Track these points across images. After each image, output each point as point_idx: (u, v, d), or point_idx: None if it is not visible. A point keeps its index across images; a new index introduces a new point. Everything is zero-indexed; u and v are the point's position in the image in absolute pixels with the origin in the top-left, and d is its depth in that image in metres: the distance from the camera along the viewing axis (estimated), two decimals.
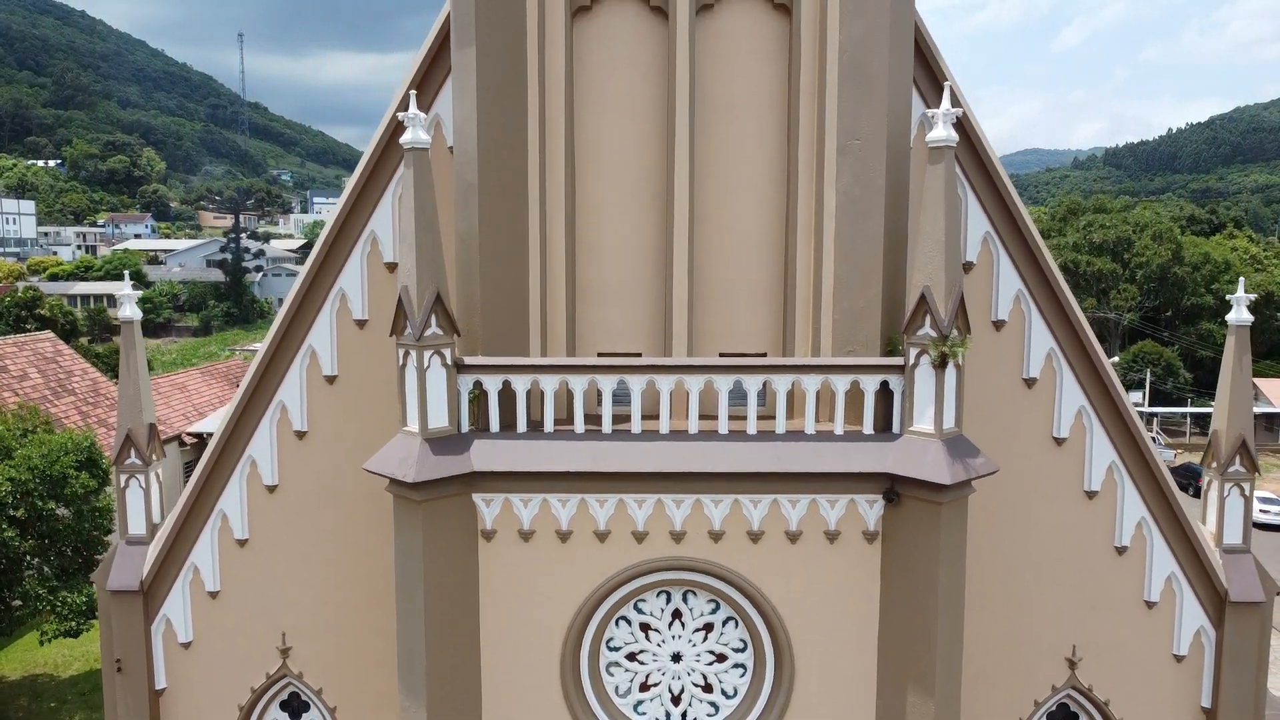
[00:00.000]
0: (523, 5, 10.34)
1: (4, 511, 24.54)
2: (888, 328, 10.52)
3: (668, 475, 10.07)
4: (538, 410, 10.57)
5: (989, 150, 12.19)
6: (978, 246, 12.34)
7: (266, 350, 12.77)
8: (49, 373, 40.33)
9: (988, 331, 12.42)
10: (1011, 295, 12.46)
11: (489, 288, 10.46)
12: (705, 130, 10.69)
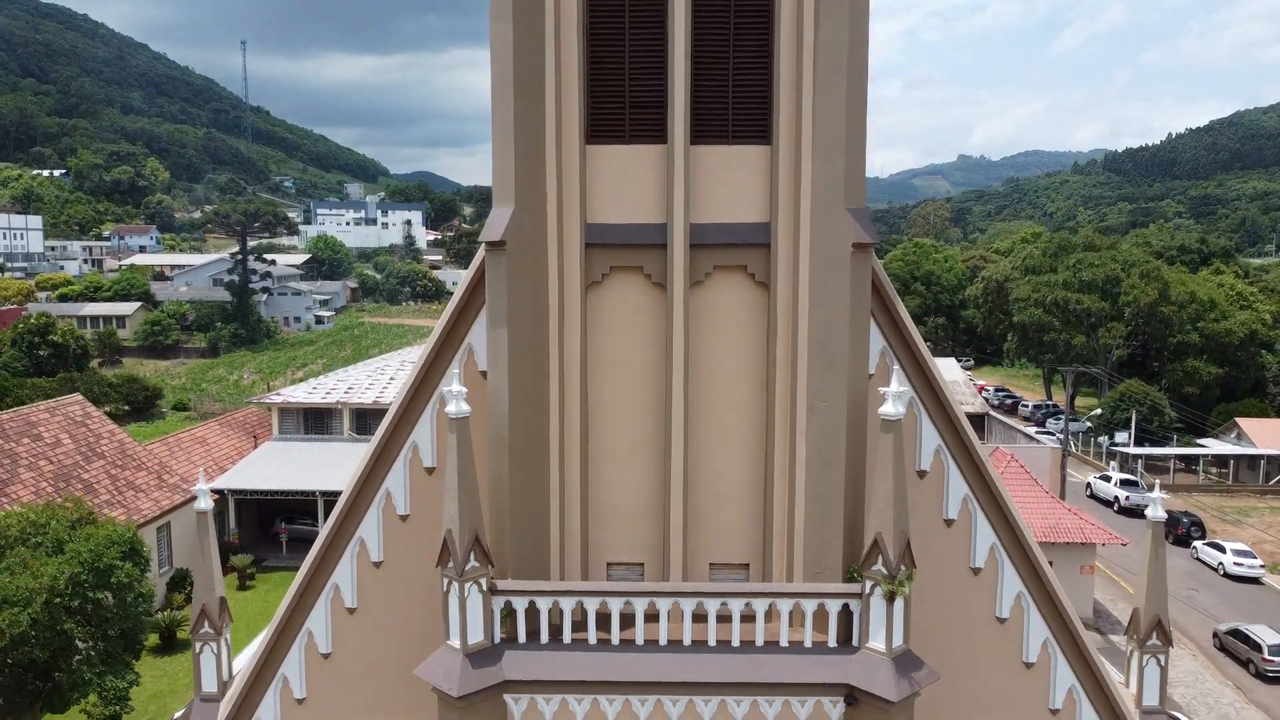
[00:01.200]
0: (546, 284, 12.46)
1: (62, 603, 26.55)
2: (848, 556, 12.62)
3: (665, 683, 12.18)
4: (557, 615, 12.67)
5: (925, 359, 14.32)
6: (931, 458, 14.45)
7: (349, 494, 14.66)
8: (79, 436, 42.43)
9: (940, 528, 14.53)
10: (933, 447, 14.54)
11: (516, 519, 12.58)
12: (697, 386, 12.81)
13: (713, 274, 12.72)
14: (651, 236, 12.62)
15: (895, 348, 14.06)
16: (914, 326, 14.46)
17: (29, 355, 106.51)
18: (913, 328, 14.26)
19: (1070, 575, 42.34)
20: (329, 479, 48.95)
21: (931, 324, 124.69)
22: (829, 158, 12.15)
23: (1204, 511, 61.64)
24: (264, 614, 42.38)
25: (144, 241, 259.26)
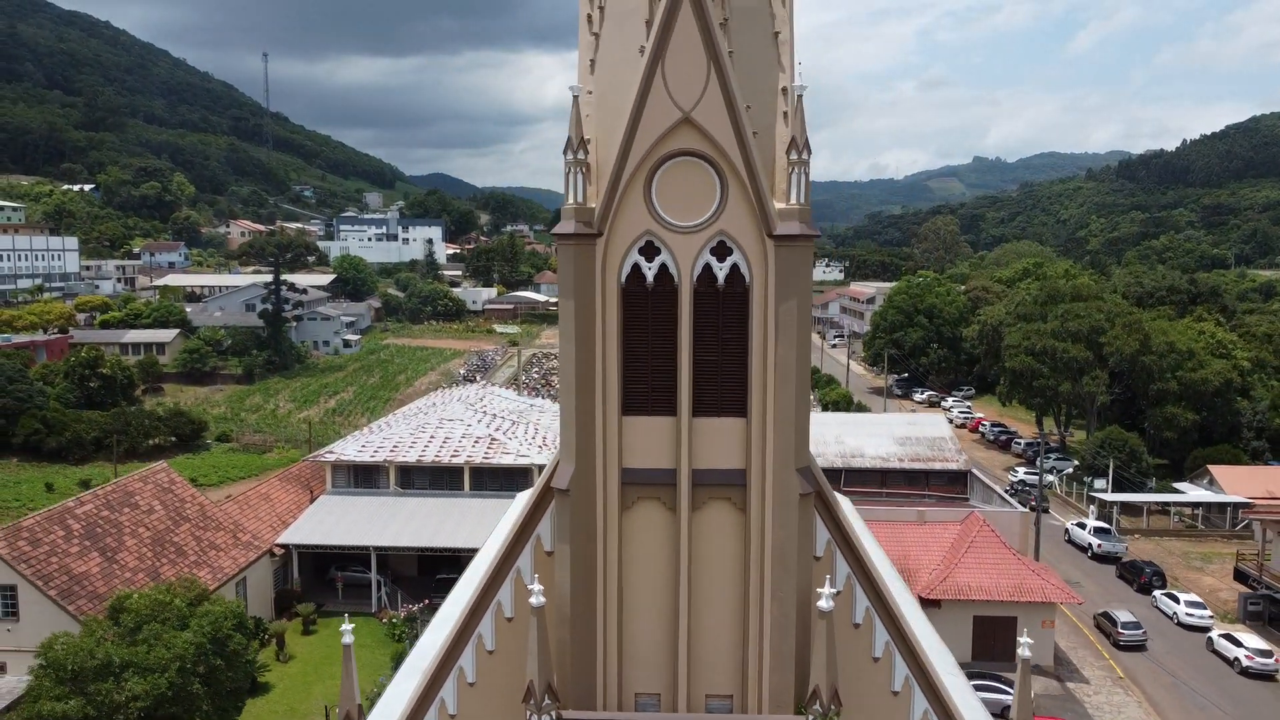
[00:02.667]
0: (594, 511, 18.54)
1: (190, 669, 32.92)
2: (799, 692, 18.63)
3: None
4: None
5: (857, 540, 20.29)
6: (862, 615, 20.46)
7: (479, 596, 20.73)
8: (168, 502, 48.83)
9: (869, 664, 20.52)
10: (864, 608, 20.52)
11: (573, 664, 18.66)
12: (698, 577, 18.86)
13: (707, 502, 18.77)
14: (665, 478, 18.68)
15: (836, 538, 20.14)
16: (852, 518, 20.52)
17: (80, 387, 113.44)
18: (849, 521, 20.31)
19: (1034, 629, 47.97)
20: (380, 534, 55.35)
21: (934, 354, 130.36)
22: (783, 431, 18.19)
23: (1172, 556, 67.29)
24: (327, 656, 48.80)
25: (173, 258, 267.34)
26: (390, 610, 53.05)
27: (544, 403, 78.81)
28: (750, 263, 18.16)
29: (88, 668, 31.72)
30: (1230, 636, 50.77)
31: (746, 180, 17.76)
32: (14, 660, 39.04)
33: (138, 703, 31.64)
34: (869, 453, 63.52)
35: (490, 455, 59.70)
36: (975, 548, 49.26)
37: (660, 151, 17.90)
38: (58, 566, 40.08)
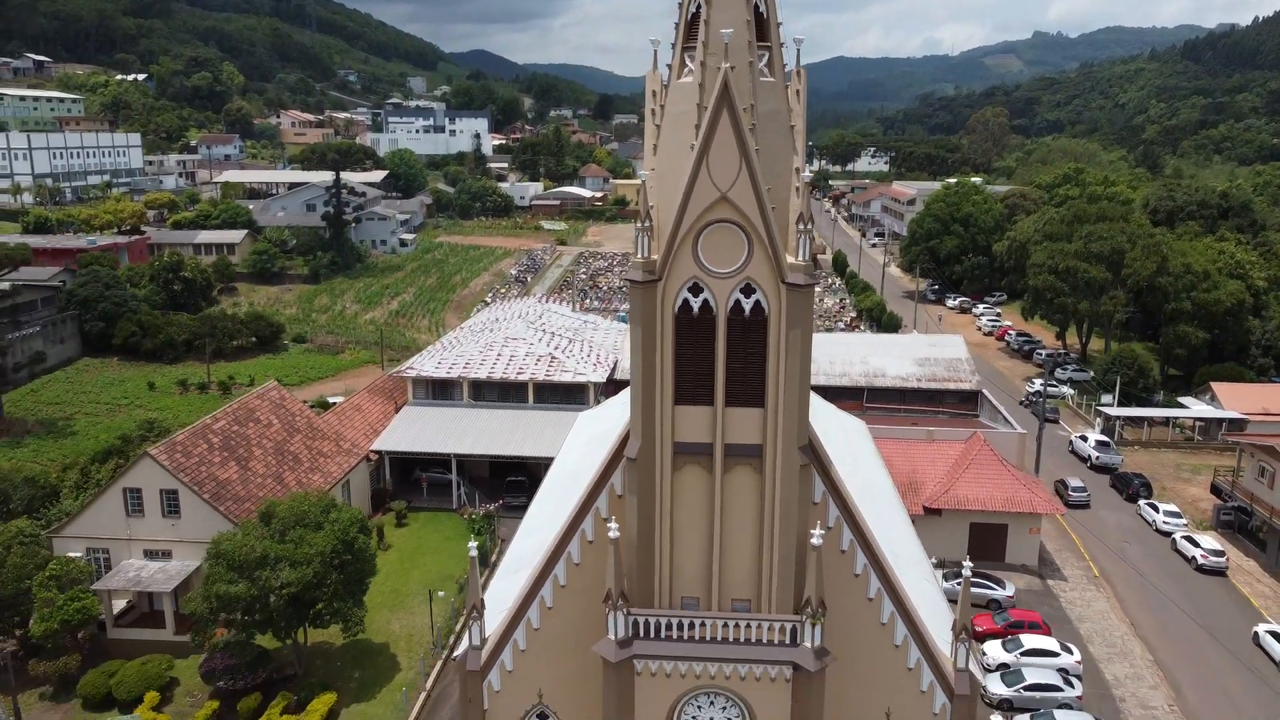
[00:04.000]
0: (654, 472, 25.99)
1: (327, 563, 41.56)
2: (797, 599, 26.33)
3: (709, 657, 26.20)
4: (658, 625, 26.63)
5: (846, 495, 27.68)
6: (847, 544, 27.97)
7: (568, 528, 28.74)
8: (282, 416, 57.52)
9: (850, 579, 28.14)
10: (849, 540, 28.01)
11: (637, 575, 26.51)
12: (727, 521, 26.38)
13: (734, 467, 26.09)
14: (705, 449, 26.00)
15: (829, 490, 27.56)
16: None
17: (165, 290, 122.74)
18: (839, 479, 27.67)
19: (1021, 535, 55.82)
20: (457, 442, 63.88)
21: (968, 262, 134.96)
22: (789, 418, 25.33)
23: (1165, 467, 74.18)
24: (419, 546, 58.00)
25: (229, 150, 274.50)
26: (469, 508, 62.07)
27: (597, 319, 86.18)
28: (768, 300, 25.00)
29: (249, 560, 40.63)
30: (1190, 538, 58.16)
31: (767, 242, 24.44)
32: (178, 549, 48.42)
33: (289, 588, 40.57)
34: (890, 373, 70.37)
35: (551, 373, 67.55)
36: (975, 464, 56.54)
37: (704, 220, 24.58)
38: (206, 474, 49.00)
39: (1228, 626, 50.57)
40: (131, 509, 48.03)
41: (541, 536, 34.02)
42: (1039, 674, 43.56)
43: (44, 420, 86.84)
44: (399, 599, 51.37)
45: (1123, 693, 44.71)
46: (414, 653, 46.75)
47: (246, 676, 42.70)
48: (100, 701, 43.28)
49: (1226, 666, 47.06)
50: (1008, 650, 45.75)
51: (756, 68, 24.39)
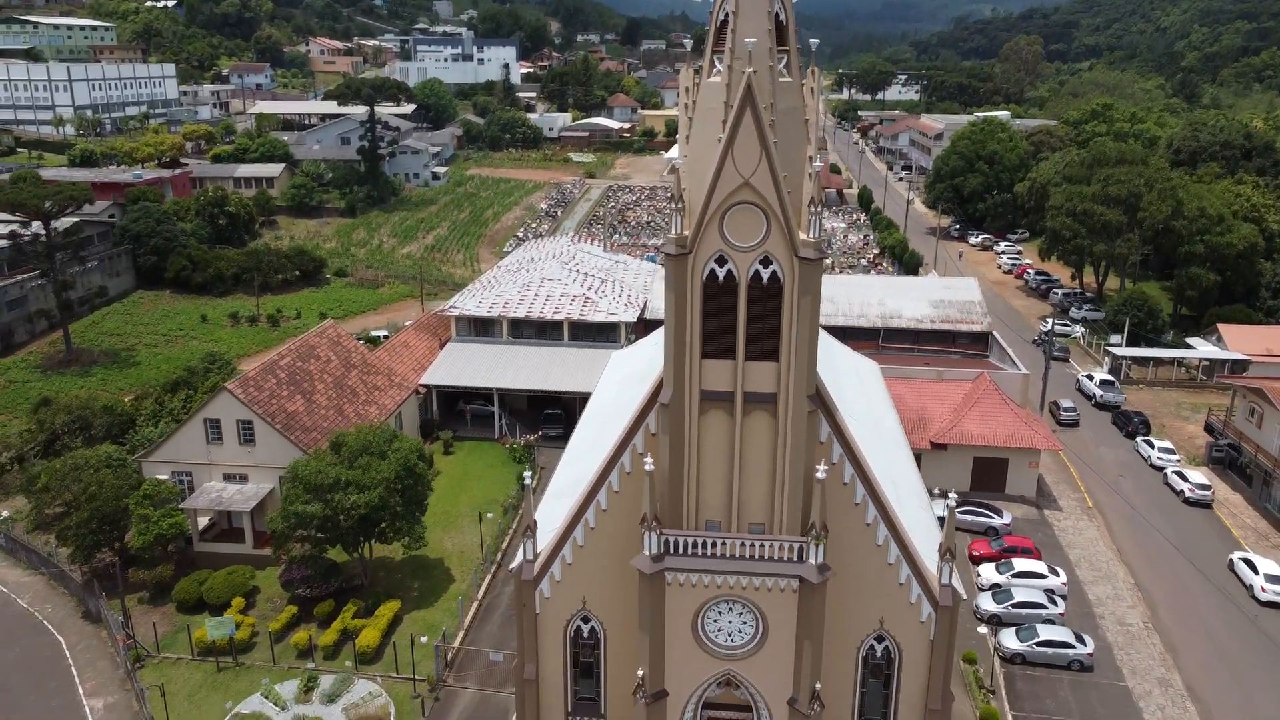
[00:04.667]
0: (684, 415, 30.53)
1: (391, 487, 46.69)
2: (804, 522, 31.02)
3: (729, 571, 31.08)
4: (685, 543, 31.46)
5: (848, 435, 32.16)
6: (849, 476, 32.54)
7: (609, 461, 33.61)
8: (339, 353, 62.51)
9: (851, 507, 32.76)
10: (849, 474, 32.56)
11: (668, 502, 31.28)
12: (746, 457, 30.94)
13: (752, 412, 30.55)
14: (727, 396, 30.45)
15: (834, 431, 32.05)
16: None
17: (211, 224, 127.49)
18: (843, 422, 32.12)
19: (1020, 469, 60.23)
20: (499, 376, 68.77)
21: (992, 200, 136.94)
22: (799, 371, 29.67)
23: (1167, 406, 77.99)
24: (466, 472, 63.32)
25: (260, 80, 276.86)
26: (510, 438, 67.25)
27: (627, 259, 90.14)
28: (783, 270, 29.14)
29: (323, 484, 45.90)
30: (1180, 473, 62.36)
31: (783, 221, 28.48)
32: (253, 473, 53.91)
33: (357, 509, 45.89)
34: (906, 314, 74.18)
35: (585, 313, 71.99)
36: (980, 403, 60.75)
37: (729, 202, 28.62)
38: (276, 407, 54.20)
39: (1207, 554, 55.06)
40: (211, 437, 53.44)
41: (583, 467, 38.90)
42: (1026, 593, 48.41)
43: (108, 351, 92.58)
44: (450, 520, 56.82)
45: (1103, 611, 49.54)
46: (466, 567, 52.30)
47: (320, 585, 48.42)
48: (192, 605, 49.20)
49: (1201, 590, 51.70)
50: (1000, 572, 50.55)
51: (776, 70, 28.16)
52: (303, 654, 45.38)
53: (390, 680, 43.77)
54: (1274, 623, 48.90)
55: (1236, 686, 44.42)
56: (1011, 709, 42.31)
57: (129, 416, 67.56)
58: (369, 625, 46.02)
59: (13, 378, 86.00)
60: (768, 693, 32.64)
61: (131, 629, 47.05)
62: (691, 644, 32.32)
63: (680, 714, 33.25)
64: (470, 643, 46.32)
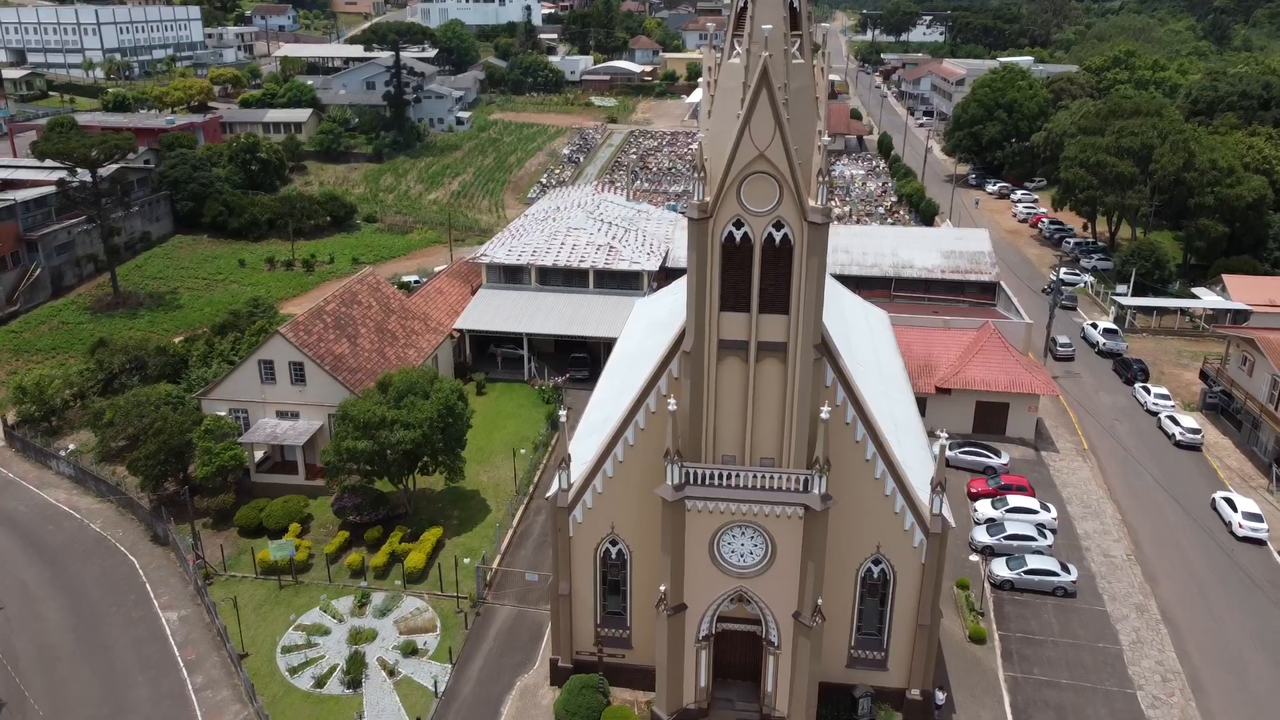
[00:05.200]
0: (703, 361, 34.30)
1: (433, 425, 50.81)
2: (809, 456, 34.91)
3: (742, 500, 35.11)
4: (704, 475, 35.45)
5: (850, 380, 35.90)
6: (852, 417, 36.29)
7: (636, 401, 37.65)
8: (379, 299, 66.48)
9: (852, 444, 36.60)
10: (852, 415, 36.36)
11: (689, 439, 35.23)
12: (758, 398, 34.74)
13: (764, 359, 34.26)
14: (743, 345, 34.14)
15: (837, 376, 35.77)
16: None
17: (244, 170, 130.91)
18: (846, 369, 35.82)
19: (1020, 413, 63.80)
20: (528, 321, 72.62)
21: (1010, 149, 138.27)
22: (806, 322, 33.29)
23: (1168, 354, 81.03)
24: (499, 412, 67.54)
25: (283, 21, 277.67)
26: (539, 380, 71.34)
27: (649, 209, 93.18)
28: (794, 233, 32.60)
29: (372, 421, 50.15)
30: (1173, 417, 65.76)
31: (794, 189, 31.87)
32: (304, 410, 58.27)
33: (403, 445, 50.15)
34: (917, 264, 77.21)
35: (610, 261, 75.48)
36: (984, 350, 64.12)
37: (746, 171, 32.00)
38: (325, 350, 58.36)
39: (1192, 494, 58.74)
40: (265, 377, 57.73)
41: (611, 407, 42.88)
42: (1018, 527, 52.37)
43: (152, 294, 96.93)
44: (485, 455, 61.17)
45: (1089, 544, 53.50)
46: (500, 498, 56.76)
47: (369, 513, 53.01)
48: (252, 530, 53.96)
49: (1183, 526, 55.50)
50: (995, 508, 54.47)
51: (789, 53, 31.32)
52: (355, 574, 50.12)
53: (435, 598, 48.45)
54: (1248, 556, 52.73)
55: (1207, 613, 48.43)
56: (998, 629, 46.54)
57: (181, 357, 71.98)
58: (415, 549, 50.63)
59: (65, 319, 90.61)
60: (775, 607, 36.91)
61: (201, 550, 51.92)
62: (708, 564, 36.53)
63: (697, 625, 37.63)
64: (507, 565, 50.91)
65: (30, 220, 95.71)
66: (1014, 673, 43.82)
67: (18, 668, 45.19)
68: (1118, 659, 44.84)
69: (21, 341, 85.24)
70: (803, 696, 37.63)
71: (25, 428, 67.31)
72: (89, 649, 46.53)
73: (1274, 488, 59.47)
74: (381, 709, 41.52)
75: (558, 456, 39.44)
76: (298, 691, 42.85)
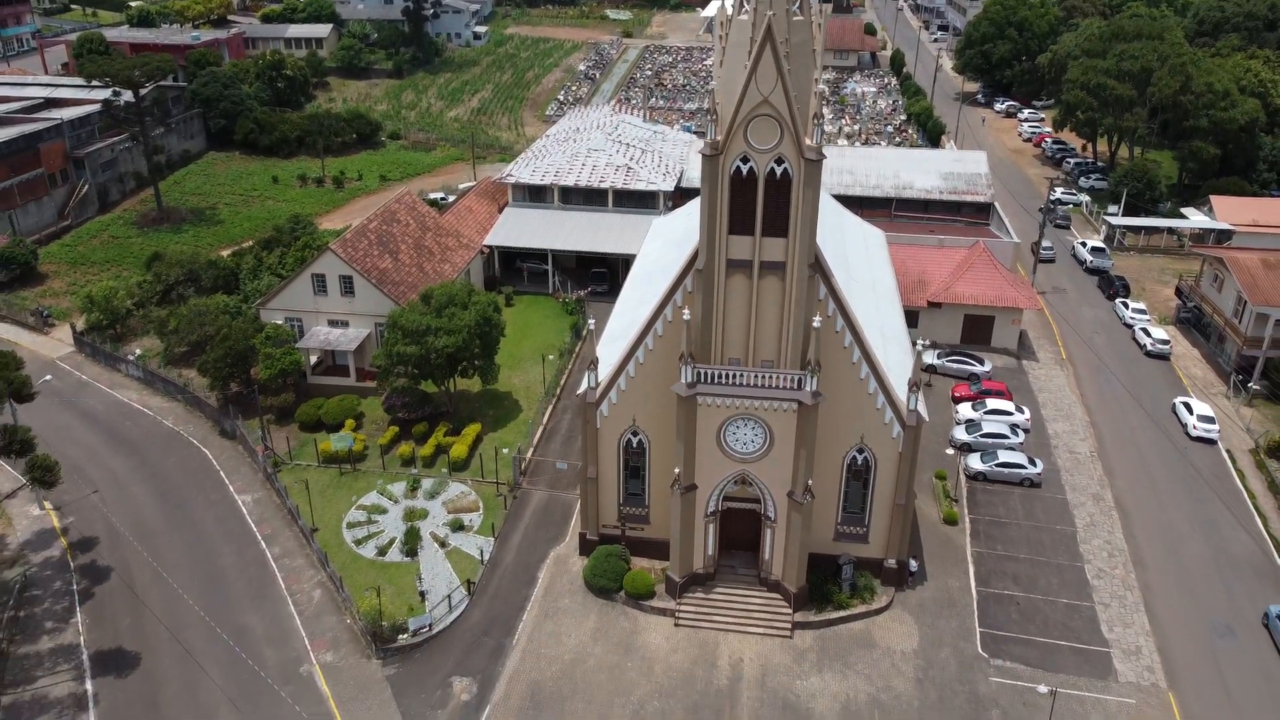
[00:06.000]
0: (713, 277, 40.10)
1: (471, 333, 56.91)
2: (803, 359, 40.96)
3: (743, 395, 41.31)
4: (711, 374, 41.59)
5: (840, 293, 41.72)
6: (840, 326, 42.21)
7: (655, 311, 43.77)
8: (415, 218, 72.13)
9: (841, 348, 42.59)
10: (840, 325, 42.29)
11: (699, 344, 41.31)
12: (759, 309, 40.62)
13: (766, 276, 39.98)
14: (747, 264, 39.85)
15: (829, 291, 41.60)
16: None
17: (270, 87, 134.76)
18: (837, 284, 41.60)
19: (1005, 325, 69.57)
20: (552, 238, 78.24)
21: (1019, 68, 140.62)
22: (803, 244, 38.93)
23: (1152, 271, 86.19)
24: (526, 321, 73.72)
25: None
26: (562, 293, 77.25)
27: (665, 130, 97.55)
28: (793, 168, 38.00)
29: (419, 329, 56.31)
30: (1146, 330, 71.41)
31: (793, 130, 37.17)
32: (353, 320, 64.50)
33: (445, 350, 56.37)
34: (917, 185, 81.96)
35: (628, 182, 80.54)
36: (974, 268, 69.53)
37: (751, 114, 37.24)
38: (370, 264, 64.25)
39: (1156, 399, 64.80)
40: (318, 289, 63.80)
41: (632, 316, 48.88)
42: (993, 426, 58.65)
43: (194, 210, 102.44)
44: (515, 361, 67.50)
45: (1058, 442, 59.85)
46: (531, 399, 63.29)
47: (416, 410, 59.64)
48: (311, 425, 60.70)
49: (1144, 428, 61.72)
50: (975, 410, 60.69)
51: (790, 11, 36.28)
52: (406, 463, 56.99)
53: (477, 483, 55.35)
54: (1199, 454, 59.04)
55: (1155, 501, 54.98)
56: (970, 513, 53.25)
57: (231, 270, 78.00)
58: (458, 441, 57.37)
59: (114, 233, 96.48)
60: (772, 487, 43.50)
61: (270, 441, 58.82)
62: (716, 450, 43.00)
63: (706, 503, 44.32)
64: (539, 456, 57.68)
65: (76, 139, 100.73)
66: (980, 549, 50.61)
67: (120, 540, 52.50)
68: (1071, 539, 51.56)
69: (77, 255, 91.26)
70: (795, 563, 44.49)
71: (93, 334, 73.80)
72: (178, 525, 53.75)
73: (1231, 393, 65.45)
74: (436, 573, 48.72)
75: (582, 362, 45.61)
76: (363, 559, 50.07)
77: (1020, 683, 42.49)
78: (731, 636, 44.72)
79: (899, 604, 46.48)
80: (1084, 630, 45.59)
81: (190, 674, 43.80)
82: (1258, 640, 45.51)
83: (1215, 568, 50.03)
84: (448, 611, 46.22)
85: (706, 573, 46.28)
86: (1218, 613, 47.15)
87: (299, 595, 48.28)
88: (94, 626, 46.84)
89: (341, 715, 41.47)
